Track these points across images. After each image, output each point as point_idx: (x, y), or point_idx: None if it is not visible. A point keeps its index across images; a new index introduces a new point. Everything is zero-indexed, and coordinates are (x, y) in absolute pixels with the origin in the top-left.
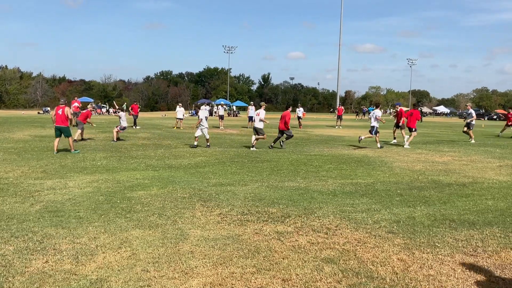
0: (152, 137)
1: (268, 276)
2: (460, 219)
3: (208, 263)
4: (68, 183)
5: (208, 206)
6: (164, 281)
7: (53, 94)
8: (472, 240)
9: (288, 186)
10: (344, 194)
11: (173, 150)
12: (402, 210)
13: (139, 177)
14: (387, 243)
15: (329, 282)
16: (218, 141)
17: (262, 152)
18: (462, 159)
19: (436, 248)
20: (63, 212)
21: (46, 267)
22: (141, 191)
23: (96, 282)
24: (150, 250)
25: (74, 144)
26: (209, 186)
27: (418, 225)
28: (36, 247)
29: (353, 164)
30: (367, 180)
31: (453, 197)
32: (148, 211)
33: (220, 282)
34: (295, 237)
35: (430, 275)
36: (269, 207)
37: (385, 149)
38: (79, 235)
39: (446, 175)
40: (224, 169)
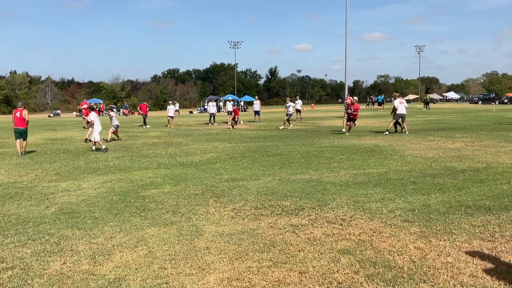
0: (162, 136)
1: (285, 269)
2: (475, 205)
3: (224, 258)
4: (82, 184)
5: (222, 201)
6: (182, 277)
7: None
8: (489, 226)
9: (300, 179)
10: (357, 185)
11: (184, 148)
12: (416, 198)
13: (151, 175)
14: (403, 232)
15: (347, 273)
16: (227, 137)
17: (272, 146)
18: (474, 144)
19: (453, 235)
20: (79, 213)
21: (64, 269)
22: (154, 190)
23: (114, 281)
24: (166, 247)
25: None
26: (222, 182)
27: (434, 213)
28: (53, 249)
29: (365, 154)
30: (380, 169)
31: (467, 183)
32: (162, 209)
33: (237, 277)
34: (310, 230)
35: (448, 262)
36: (282, 200)
37: (396, 138)
38: (95, 235)
39: (459, 161)
40: (235, 164)
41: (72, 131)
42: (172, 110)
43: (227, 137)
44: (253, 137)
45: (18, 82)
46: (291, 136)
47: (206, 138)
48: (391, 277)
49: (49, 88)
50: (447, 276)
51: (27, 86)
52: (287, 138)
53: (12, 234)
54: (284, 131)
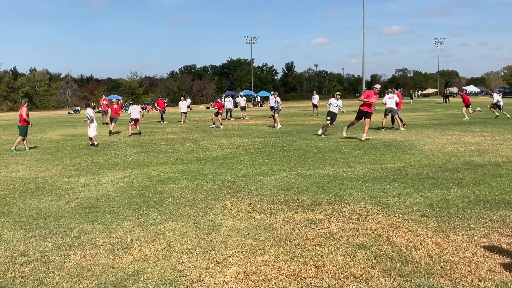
0: (180, 131)
1: (301, 263)
2: (495, 199)
3: (240, 252)
4: (101, 179)
5: (238, 196)
6: (199, 271)
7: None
8: (508, 221)
9: (316, 174)
10: (374, 180)
11: (201, 143)
12: (434, 193)
13: (169, 171)
14: (420, 226)
15: (363, 268)
16: (244, 132)
17: (289, 141)
18: (494, 138)
19: (471, 230)
20: (98, 208)
21: (84, 262)
22: (172, 185)
23: (133, 274)
24: (183, 241)
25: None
26: (238, 177)
27: (452, 208)
28: (74, 242)
29: (382, 149)
30: (397, 164)
31: (486, 177)
32: (179, 203)
33: (253, 271)
34: (326, 224)
35: (466, 257)
36: (299, 195)
37: (414, 132)
38: (115, 230)
39: (479, 155)
40: (252, 159)
41: None
42: (184, 105)
43: (244, 133)
44: (270, 132)
45: (38, 79)
46: (307, 131)
47: (223, 133)
48: (408, 272)
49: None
50: (465, 271)
51: (47, 83)
52: (303, 133)
53: (33, 228)
54: (301, 127)
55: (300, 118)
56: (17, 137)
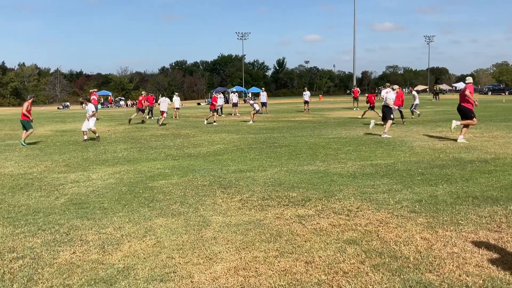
0: (170, 127)
1: (291, 259)
2: (483, 195)
3: (231, 248)
4: (91, 175)
5: (229, 192)
6: (189, 267)
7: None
8: (496, 216)
9: (307, 170)
10: (364, 176)
11: (192, 139)
12: (424, 189)
13: (159, 166)
14: (409, 222)
15: (352, 263)
16: (235, 128)
17: (280, 137)
18: (483, 135)
19: (460, 226)
20: (88, 204)
21: (74, 258)
22: (162, 181)
23: (123, 270)
24: (174, 237)
25: None
26: (229, 173)
27: (441, 203)
28: (63, 239)
29: (372, 145)
30: (387, 160)
31: (475, 174)
32: (170, 199)
33: (244, 266)
34: (316, 220)
35: (454, 252)
36: (289, 191)
37: (404, 129)
38: (105, 226)
39: (467, 152)
40: (242, 155)
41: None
42: (178, 101)
43: (235, 129)
44: (260, 129)
45: (27, 74)
46: (298, 128)
47: (214, 129)
48: (396, 267)
49: (58, 80)
50: (453, 266)
51: (36, 79)
52: (294, 130)
53: (22, 224)
54: (292, 123)
55: (291, 114)
56: (20, 132)
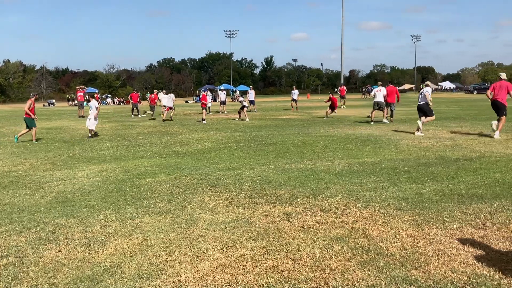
0: (158, 125)
1: (279, 256)
2: (468, 193)
3: (218, 246)
4: (77, 173)
5: (216, 190)
6: (176, 265)
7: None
8: (481, 214)
9: (295, 168)
10: (351, 174)
11: (179, 137)
12: (410, 187)
13: (146, 164)
14: (396, 220)
15: (339, 261)
16: (223, 126)
17: (267, 135)
18: (469, 134)
19: (445, 223)
20: (74, 202)
21: (60, 256)
22: (150, 179)
23: (109, 269)
24: (161, 235)
25: None
26: (216, 171)
27: (427, 201)
28: (49, 237)
29: (360, 144)
30: (374, 158)
31: (460, 172)
32: (157, 197)
33: (231, 264)
34: (303, 218)
35: (440, 249)
36: (277, 189)
37: (391, 127)
38: (91, 224)
39: (453, 150)
40: (230, 153)
41: (67, 120)
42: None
43: (223, 127)
44: (248, 127)
45: (12, 71)
46: (286, 126)
47: (201, 127)
48: (383, 264)
49: (44, 77)
50: (438, 263)
51: (21, 75)
52: (282, 128)
53: (7, 222)
54: (280, 121)
55: (279, 112)
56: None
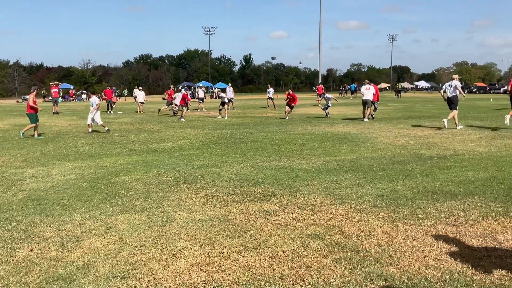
0: (134, 122)
1: (255, 254)
2: (442, 190)
3: (195, 244)
4: (51, 170)
5: (194, 188)
6: (152, 263)
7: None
8: (454, 211)
9: (272, 166)
10: (328, 171)
11: (156, 134)
12: (385, 184)
13: (122, 162)
14: (371, 217)
15: (315, 257)
16: (201, 124)
17: (246, 133)
18: (443, 132)
19: (419, 220)
20: (47, 200)
21: (32, 255)
22: (125, 176)
23: (83, 268)
24: (136, 234)
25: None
26: (194, 169)
27: (401, 198)
28: (21, 235)
29: (337, 142)
30: (351, 156)
31: (435, 169)
32: (133, 195)
33: (207, 262)
34: (281, 215)
35: (414, 246)
36: (255, 186)
37: (368, 126)
38: (64, 222)
39: (427, 148)
40: (208, 151)
41: (41, 116)
42: (142, 96)
43: (201, 124)
44: (227, 124)
45: None
46: (264, 123)
47: (179, 124)
48: (358, 260)
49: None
50: (413, 260)
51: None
52: (260, 126)
53: None
54: (258, 119)
55: (257, 110)
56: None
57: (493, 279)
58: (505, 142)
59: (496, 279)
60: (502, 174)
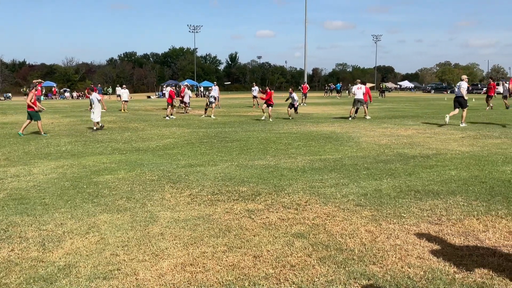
0: (118, 120)
1: (240, 253)
2: (424, 189)
3: (178, 244)
4: (32, 169)
5: (178, 187)
6: (134, 263)
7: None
8: (437, 209)
9: (257, 165)
10: (313, 170)
11: (140, 133)
12: (369, 183)
13: (105, 161)
14: (355, 215)
15: (300, 256)
16: (186, 122)
17: (231, 132)
18: (426, 131)
19: (402, 219)
20: (28, 199)
21: (12, 256)
22: (108, 175)
23: (64, 268)
24: (119, 234)
25: None
26: (178, 168)
27: (385, 197)
28: (1, 236)
29: (322, 141)
30: (335, 155)
31: (417, 168)
32: (116, 195)
33: (191, 262)
34: (265, 214)
35: (397, 244)
36: (239, 186)
37: (352, 125)
38: (45, 222)
39: (410, 147)
40: (193, 150)
41: (24, 115)
42: (126, 94)
43: (186, 123)
44: (212, 123)
45: None
46: (249, 122)
47: (164, 123)
48: (342, 259)
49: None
50: (396, 258)
51: None
52: (246, 124)
53: None
54: (243, 118)
55: (242, 109)
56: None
57: (474, 277)
58: (487, 142)
59: (478, 277)
60: (483, 173)
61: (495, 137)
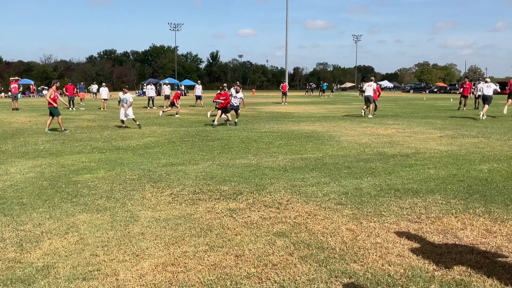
0: (97, 119)
1: (221, 253)
2: (404, 188)
3: (159, 243)
4: (9, 169)
5: (159, 186)
6: (114, 264)
7: None
8: (416, 208)
9: (239, 164)
10: (294, 169)
11: (120, 132)
12: (350, 182)
13: (84, 160)
14: (336, 214)
15: (281, 255)
16: (167, 121)
17: (212, 130)
18: (405, 131)
19: (383, 217)
20: (5, 199)
21: None
22: (88, 175)
23: (42, 269)
24: (98, 234)
25: None
26: (159, 167)
27: (365, 196)
28: None
29: (303, 140)
30: (317, 154)
31: (397, 167)
32: (95, 194)
33: (172, 262)
34: (247, 214)
35: (377, 242)
36: (221, 185)
37: (333, 124)
38: (23, 222)
39: (390, 146)
40: (174, 149)
41: (2, 112)
42: (106, 92)
43: (166, 121)
44: (193, 122)
45: None
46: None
47: (144, 122)
48: (323, 258)
49: None
50: (376, 256)
51: None
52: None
53: None
54: None
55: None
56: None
57: (453, 275)
58: (465, 141)
59: (457, 275)
60: (461, 172)
61: (472, 137)
